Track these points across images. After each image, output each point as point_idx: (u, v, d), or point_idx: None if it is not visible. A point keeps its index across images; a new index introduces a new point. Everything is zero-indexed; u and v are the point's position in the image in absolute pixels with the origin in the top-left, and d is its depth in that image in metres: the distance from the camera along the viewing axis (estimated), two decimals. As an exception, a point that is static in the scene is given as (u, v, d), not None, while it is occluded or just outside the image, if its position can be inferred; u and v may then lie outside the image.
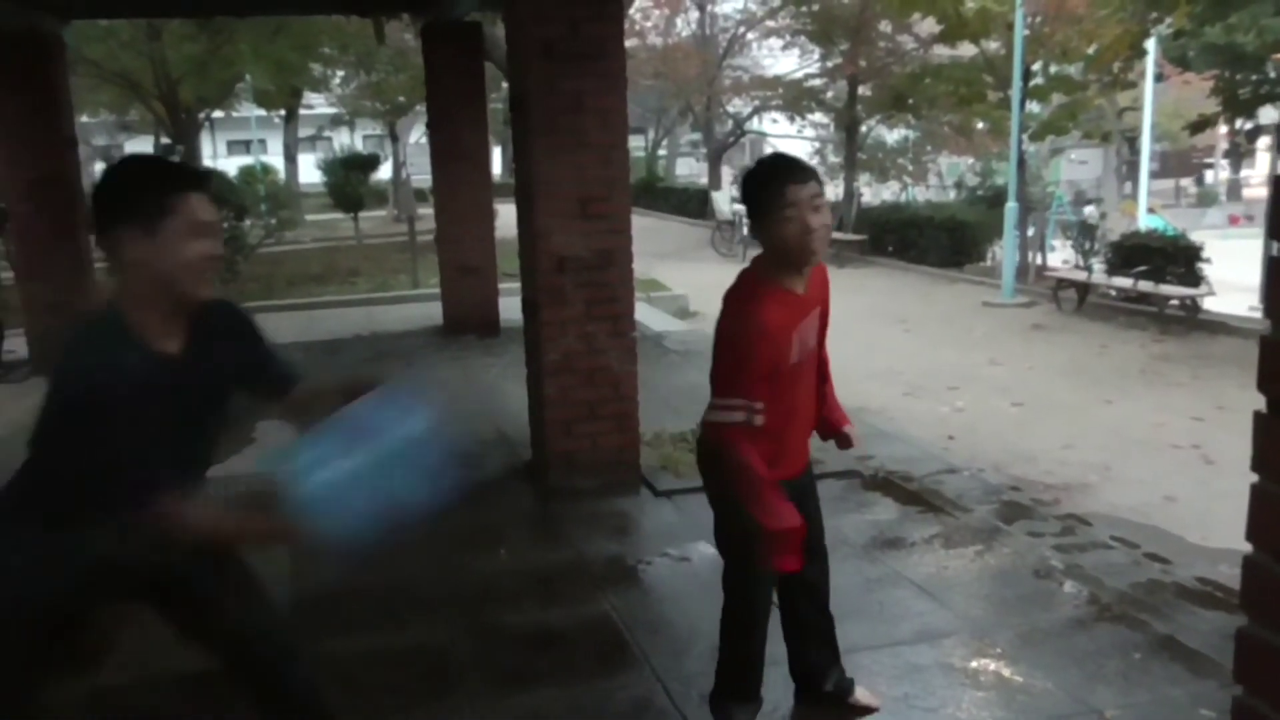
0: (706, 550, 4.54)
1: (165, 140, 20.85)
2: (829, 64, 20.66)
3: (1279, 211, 1.05)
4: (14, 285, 8.96)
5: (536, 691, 3.41)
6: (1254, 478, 1.12)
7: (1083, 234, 13.47)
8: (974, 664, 3.43)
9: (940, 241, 16.26)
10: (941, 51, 17.74)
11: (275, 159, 30.72)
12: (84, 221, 9.46)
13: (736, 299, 2.68)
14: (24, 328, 8.91)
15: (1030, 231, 15.10)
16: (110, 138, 29.72)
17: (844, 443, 3.04)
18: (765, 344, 2.60)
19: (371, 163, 24.99)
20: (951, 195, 23.05)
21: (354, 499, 2.09)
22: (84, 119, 25.63)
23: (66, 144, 8.90)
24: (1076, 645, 3.52)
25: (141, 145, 30.57)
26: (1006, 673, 3.37)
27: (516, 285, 5.96)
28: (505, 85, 15.18)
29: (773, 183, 2.60)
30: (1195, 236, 12.74)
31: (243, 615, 2.46)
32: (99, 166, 28.35)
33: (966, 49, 16.30)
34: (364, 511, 2.11)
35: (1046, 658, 3.44)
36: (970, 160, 24.03)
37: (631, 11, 19.76)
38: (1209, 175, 34.45)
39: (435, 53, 9.76)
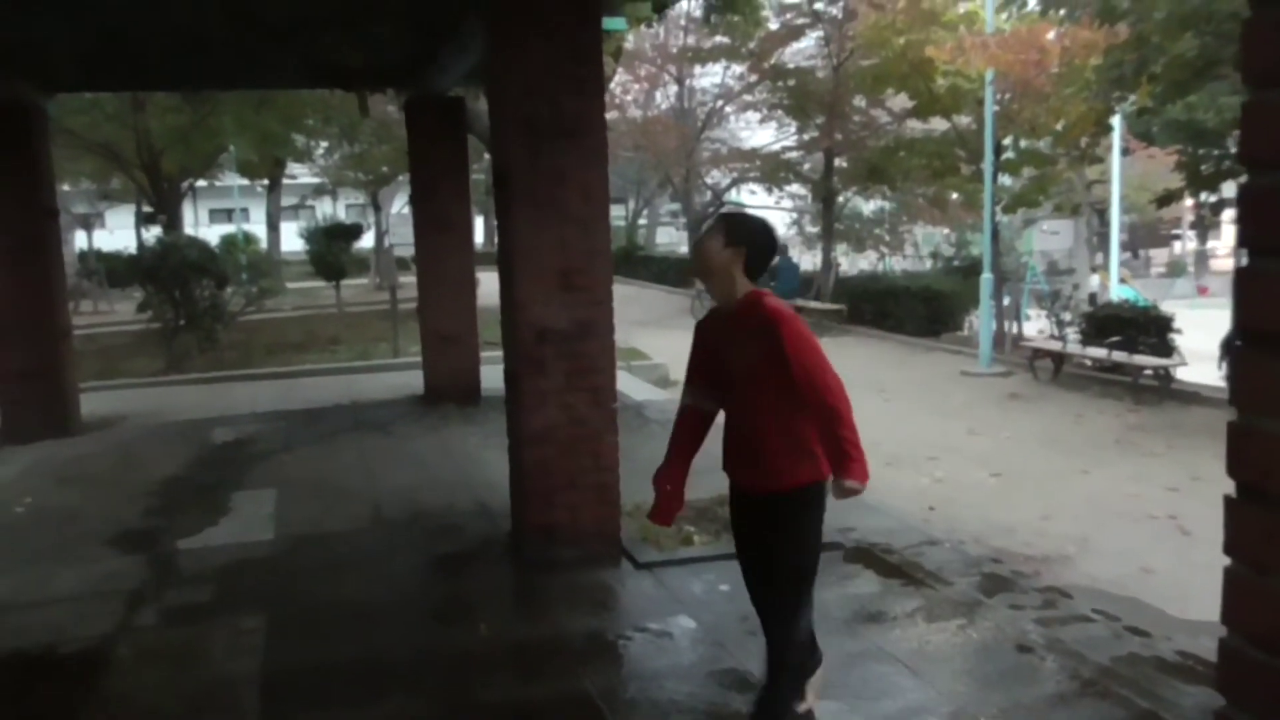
0: (687, 625, 4.51)
1: (147, 209, 20.91)
2: (805, 137, 21.09)
3: (1255, 230, 1.09)
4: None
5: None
6: (1229, 554, 1.14)
7: (1056, 304, 13.68)
8: (958, 741, 3.40)
9: (917, 311, 16.45)
10: (915, 125, 18.18)
11: (258, 227, 30.93)
12: (61, 290, 9.45)
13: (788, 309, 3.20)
14: (-3, 397, 8.82)
15: (1005, 301, 15.32)
16: (91, 206, 29.76)
17: (834, 492, 3.14)
18: (699, 343, 3.34)
19: (354, 232, 25.08)
20: (928, 265, 23.39)
21: None
22: (65, 188, 25.73)
23: (46, 214, 8.93)
24: (1059, 720, 3.50)
25: (123, 214, 30.67)
26: (990, 750, 3.34)
27: (498, 354, 5.98)
28: (487, 156, 15.37)
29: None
30: (1165, 306, 12.96)
31: None
32: (79, 235, 28.44)
33: (939, 123, 16.72)
34: None
35: (1030, 734, 3.42)
36: (945, 231, 24.45)
37: (611, 85, 20.15)
38: (1176, 246, 35.16)
39: (418, 126, 9.92)
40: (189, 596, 5.10)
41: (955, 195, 18.40)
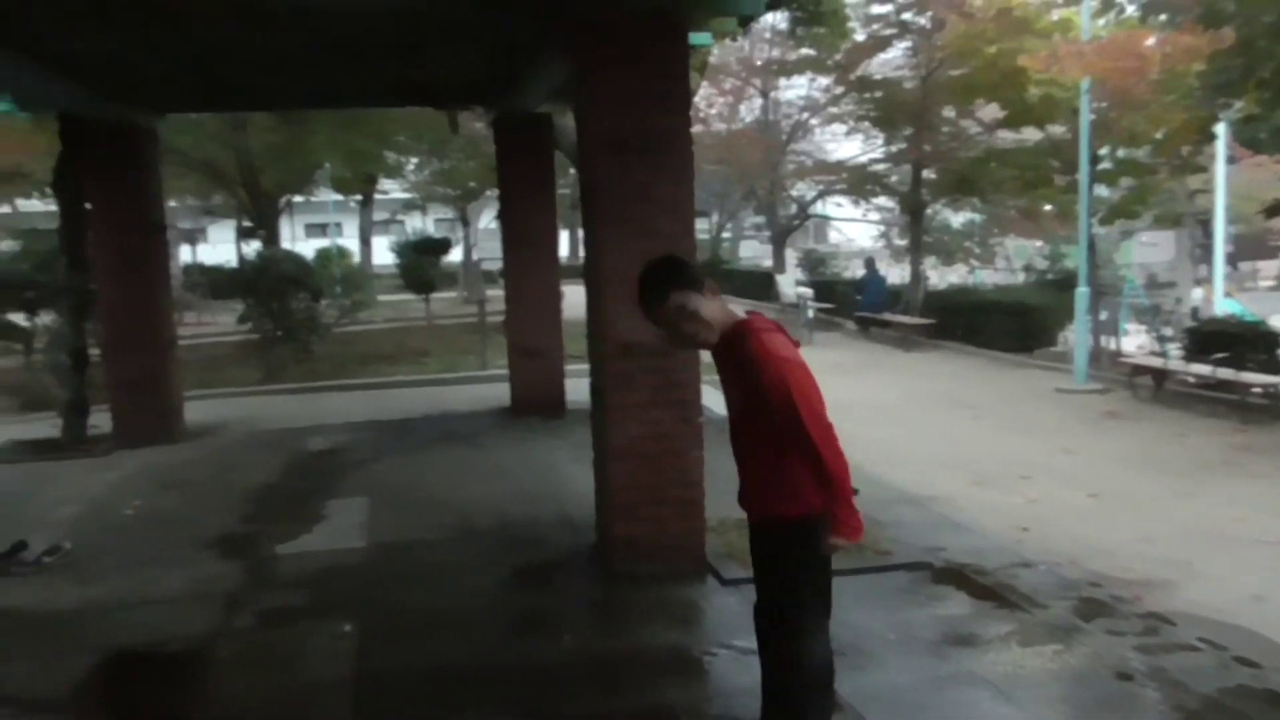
0: (772, 642, 4.47)
1: (247, 223, 21.67)
2: (893, 148, 20.80)
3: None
4: (99, 364, 9.30)
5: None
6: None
7: (1157, 318, 13.20)
8: (1053, 771, 3.30)
9: (1008, 326, 16.04)
10: (1006, 136, 17.77)
11: (351, 242, 31.76)
12: (167, 303, 9.85)
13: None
14: (108, 404, 9.22)
15: (1102, 316, 14.83)
16: (195, 221, 30.98)
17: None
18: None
19: (443, 246, 25.66)
20: (1020, 278, 22.82)
21: None
22: (171, 204, 26.82)
23: (154, 229, 9.33)
24: (1162, 754, 3.37)
25: (224, 229, 31.84)
26: (1088, 781, 3.23)
27: (582, 367, 6.03)
28: (573, 171, 15.55)
29: None
30: (1275, 321, 12.40)
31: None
32: (183, 249, 29.63)
33: (1031, 133, 16.31)
34: None
35: (1130, 767, 3.30)
36: (1038, 243, 23.82)
37: (696, 99, 20.19)
38: (1288, 259, 33.60)
39: (506, 142, 10.09)
40: (284, 600, 5.25)
41: (1048, 207, 17.91)
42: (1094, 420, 10.86)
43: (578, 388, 7.80)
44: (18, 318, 13.28)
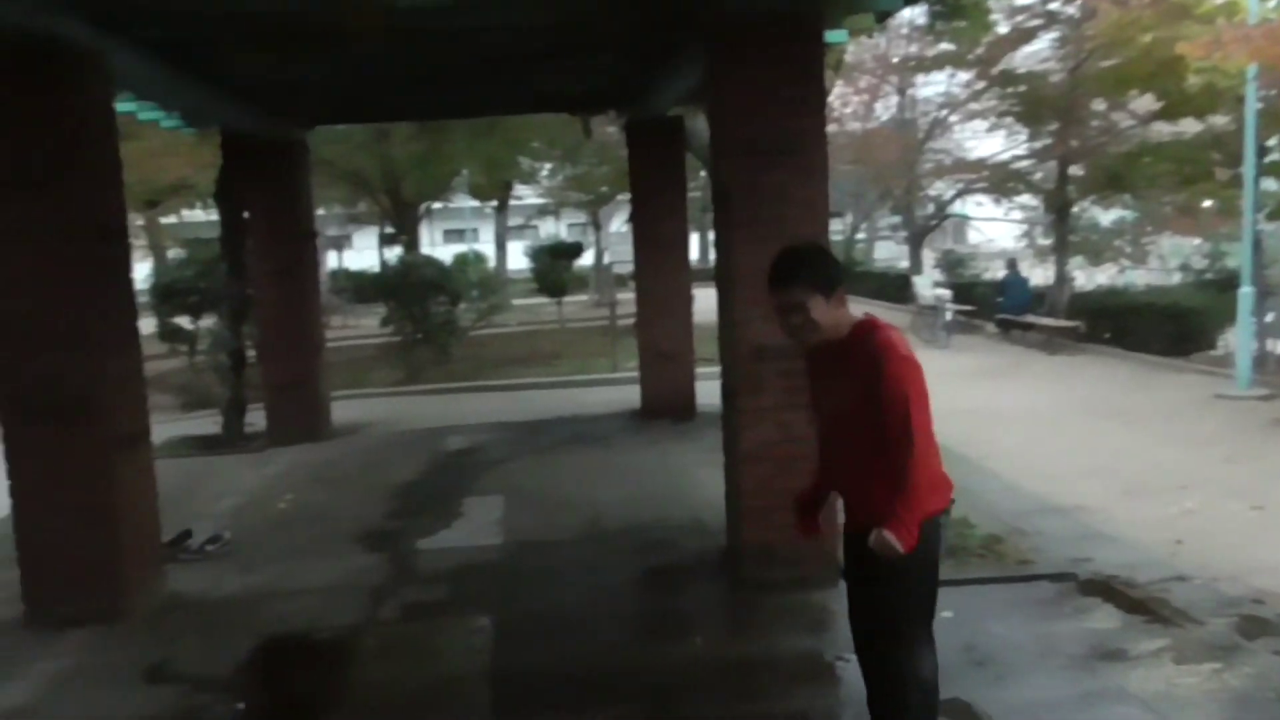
0: (908, 651, 4.37)
1: (389, 230, 22.55)
2: (1037, 145, 20.01)
3: None
4: (256, 364, 9.84)
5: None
6: None
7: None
8: (1212, 798, 3.12)
9: (1163, 328, 15.21)
10: (1161, 128, 16.86)
11: (486, 247, 32.62)
12: (317, 306, 10.34)
13: None
14: (263, 403, 9.74)
15: (1269, 317, 13.89)
16: (341, 228, 32.40)
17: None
18: (806, 368, 3.27)
19: (575, 250, 26.07)
20: (1175, 278, 21.60)
21: None
22: (319, 212, 28.13)
23: (306, 237, 9.82)
24: (1335, 786, 3.14)
25: (368, 236, 33.19)
26: (1251, 811, 3.04)
27: (713, 370, 6.03)
28: (703, 174, 15.57)
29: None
30: None
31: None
32: (331, 255, 31.03)
33: (1190, 125, 15.42)
34: None
35: (1298, 798, 3.09)
36: (1196, 241, 22.52)
37: (830, 98, 19.91)
38: None
39: (638, 146, 10.19)
40: (426, 594, 5.44)
41: (1209, 203, 16.90)
42: (1259, 428, 10.19)
43: (708, 391, 7.81)
44: (183, 321, 14.19)
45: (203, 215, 23.81)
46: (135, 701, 4.22)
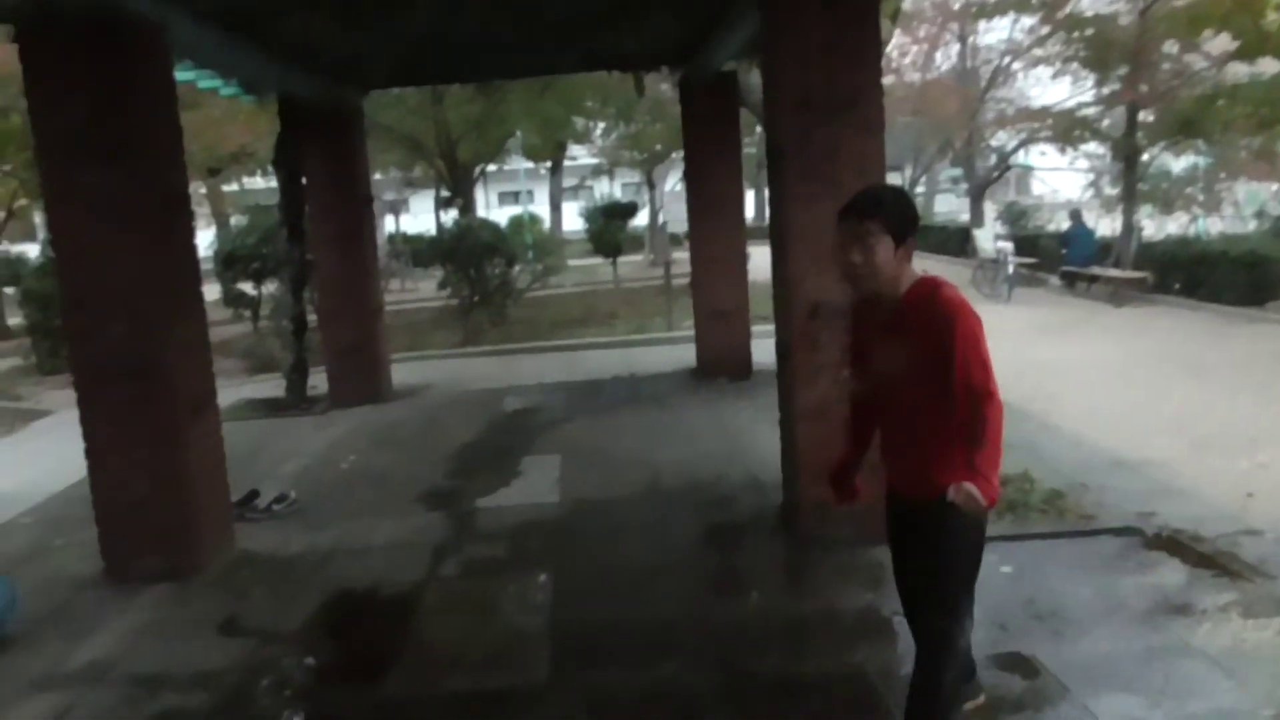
0: (967, 606, 4.34)
1: (445, 193, 22.68)
2: (1105, 90, 19.37)
3: None
4: (318, 329, 10.02)
5: (787, 739, 3.39)
6: None
7: None
8: (1280, 753, 3.07)
9: (1237, 278, 14.72)
10: (1238, 70, 16.19)
11: (541, 208, 32.71)
12: (375, 271, 10.46)
13: None
14: (325, 366, 9.93)
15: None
16: (397, 193, 32.68)
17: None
18: (851, 327, 3.20)
19: (630, 210, 26.01)
20: (1251, 226, 20.88)
21: None
22: (376, 176, 28.39)
23: (363, 202, 9.93)
24: None
25: (424, 199, 33.44)
26: (1321, 767, 2.98)
27: (769, 329, 5.99)
28: (759, 130, 15.36)
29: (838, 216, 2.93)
30: None
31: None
32: (388, 219, 31.32)
33: (1269, 65, 14.79)
34: None
35: (1371, 754, 3.02)
36: (1275, 186, 21.71)
37: (889, 49, 19.46)
38: None
39: (692, 103, 10.08)
40: (486, 551, 5.54)
41: (1288, 146, 16.27)
42: (1336, 380, 9.85)
43: (764, 349, 7.76)
44: (246, 287, 14.49)
45: (263, 183, 24.26)
46: (210, 653, 4.38)
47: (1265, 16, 12.74)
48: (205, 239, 17.42)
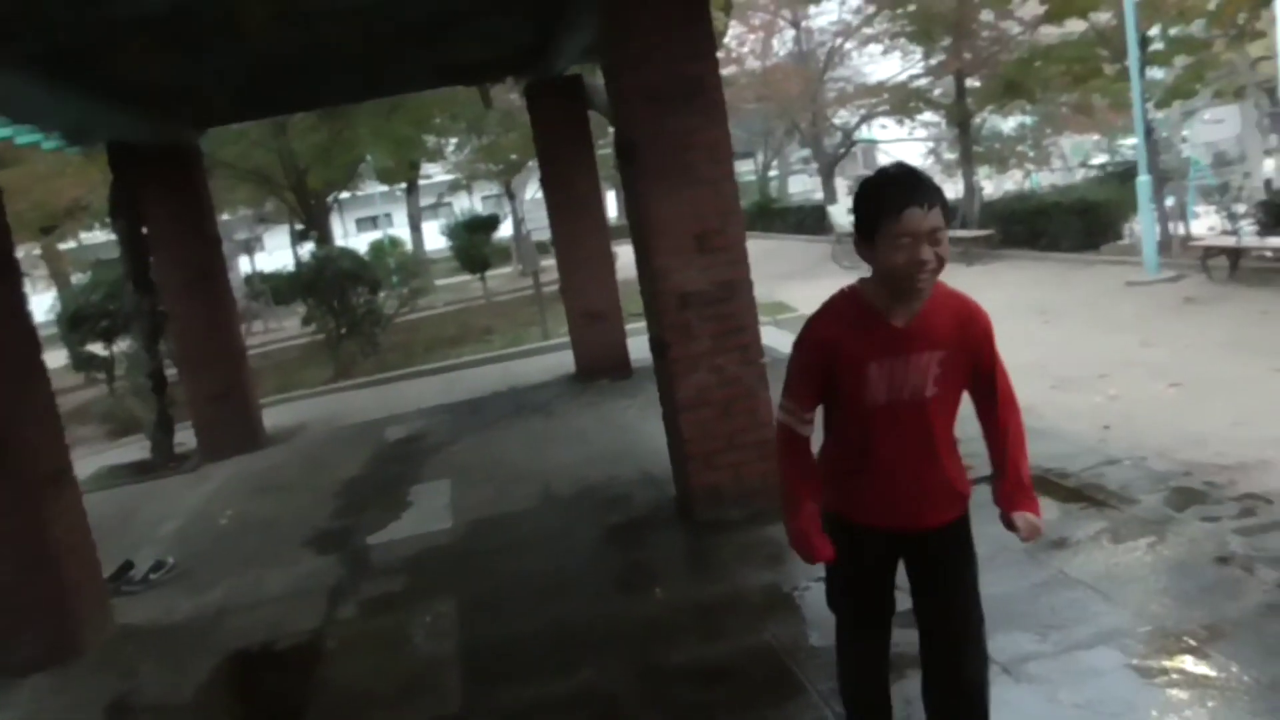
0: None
1: (300, 226, 22.05)
2: (933, 62, 20.27)
3: None
4: (179, 381, 9.60)
5: (708, 727, 3.43)
6: None
7: (1226, 196, 12.72)
8: (1160, 663, 3.27)
9: (1072, 226, 15.62)
10: (1049, 31, 17.17)
11: (401, 230, 32.13)
12: (234, 314, 10.10)
13: (819, 307, 2.57)
14: (191, 420, 9.52)
15: (1169, 201, 14.36)
16: (250, 231, 31.59)
17: (1011, 527, 2.64)
18: (818, 357, 2.49)
19: (492, 223, 25.78)
20: (1078, 176, 22.16)
21: None
22: (224, 217, 27.36)
23: (212, 244, 9.56)
24: (1271, 633, 3.31)
25: (279, 235, 32.42)
26: (1196, 669, 3.19)
27: (643, 325, 6.05)
28: (611, 130, 15.47)
29: (890, 205, 2.31)
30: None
31: None
32: (242, 260, 30.23)
33: (1076, 25, 15.74)
34: None
35: (1239, 650, 3.25)
36: (1095, 137, 23.10)
37: (727, 39, 19.87)
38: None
39: (540, 109, 10.08)
40: (384, 587, 5.41)
41: (1100, 99, 17.32)
42: (1172, 308, 10.57)
43: (641, 346, 7.82)
44: (96, 348, 13.75)
45: (103, 236, 23.08)
46: (101, 737, 4.15)
47: (1067, -22, 13.55)
48: (45, 302, 16.52)
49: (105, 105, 7.54)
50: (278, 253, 34.84)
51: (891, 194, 2.33)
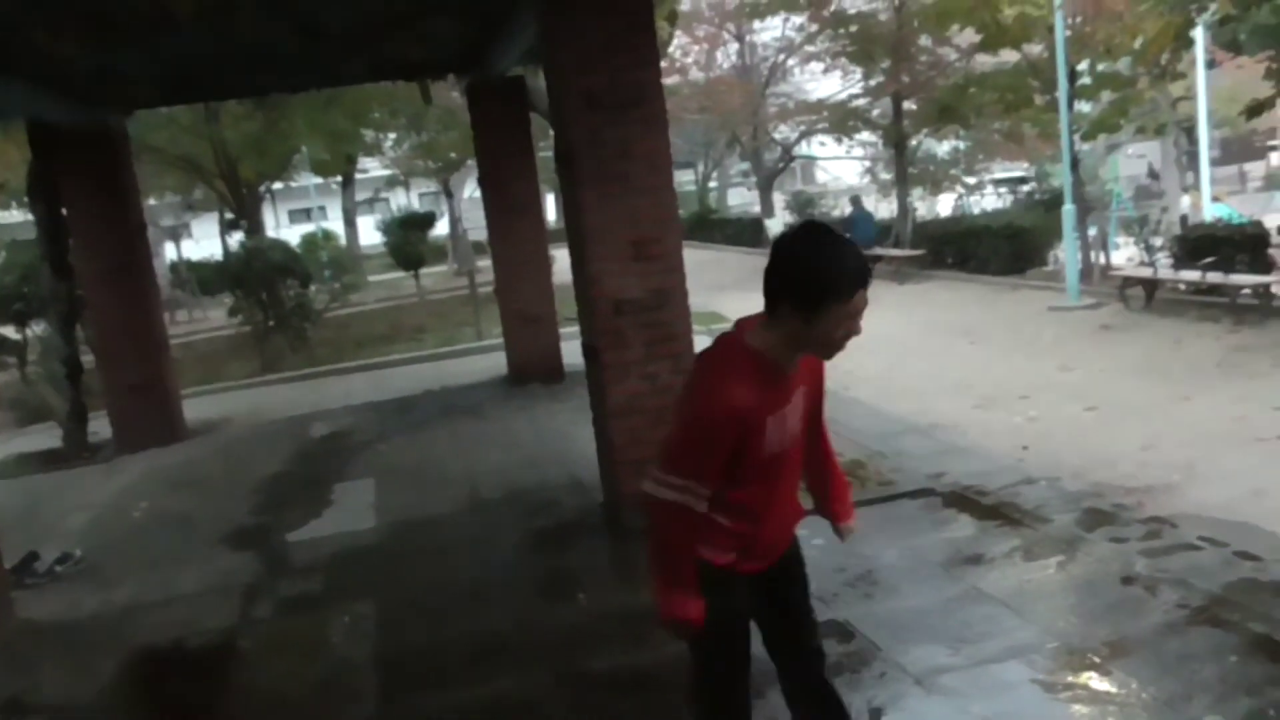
0: (784, 581, 4.53)
1: (230, 215, 21.55)
2: (872, 82, 20.63)
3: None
4: (95, 370, 9.31)
5: (624, 734, 3.43)
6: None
7: (1145, 229, 13.18)
8: (1064, 678, 3.36)
9: (1000, 250, 16.02)
10: (984, 60, 17.62)
11: (336, 224, 31.58)
12: (157, 303, 9.83)
13: (713, 370, 2.37)
14: (107, 410, 9.24)
15: (1092, 231, 14.81)
16: (177, 218, 30.79)
17: (841, 536, 2.82)
18: (733, 429, 2.30)
19: (427, 221, 25.53)
20: (1006, 202, 22.75)
21: None
22: (151, 202, 26.61)
23: (136, 231, 9.28)
24: (1169, 652, 3.43)
25: (209, 223, 31.66)
26: (1099, 685, 3.30)
27: (578, 329, 6.04)
28: (552, 133, 15.42)
29: (844, 290, 2.25)
30: (1267, 220, 12.36)
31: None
32: (168, 247, 29.45)
33: (1010, 55, 16.17)
34: None
35: (1139, 667, 3.36)
36: (1025, 165, 23.73)
37: (671, 49, 19.98)
38: (1274, 158, 33.43)
39: (481, 109, 10.01)
40: (300, 587, 5.31)
41: (1030, 127, 17.81)
42: (1089, 335, 10.90)
43: (574, 350, 7.81)
44: (7, 331, 13.26)
45: (20, 216, 22.29)
46: (-4, 737, 4.00)
47: (1002, 11, 13.91)
48: (-44, 282, 15.83)
49: (23, 83, 7.28)
50: (206, 241, 34.02)
51: (845, 281, 2.25)
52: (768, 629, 2.71)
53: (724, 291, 17.08)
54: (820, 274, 2.24)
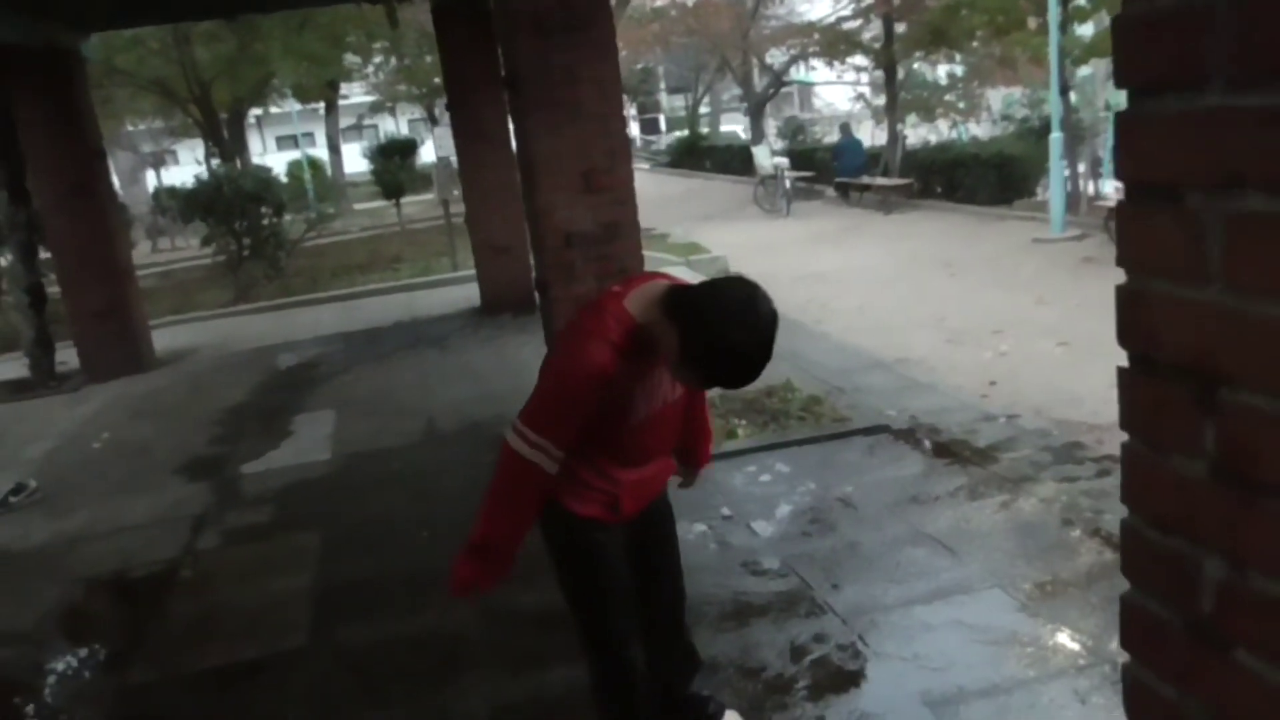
0: (726, 514, 4.49)
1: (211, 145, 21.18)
2: (862, 4, 20.13)
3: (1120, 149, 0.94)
4: (59, 298, 9.19)
5: (548, 670, 3.41)
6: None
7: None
8: (988, 620, 3.33)
9: (989, 179, 15.78)
10: (978, -19, 17.14)
11: (322, 151, 31.12)
12: (118, 230, 9.65)
13: (584, 330, 2.23)
14: (73, 338, 9.15)
15: (1082, 162, 14.57)
16: (157, 144, 30.30)
17: (684, 478, 2.86)
18: (594, 394, 2.19)
19: (409, 147, 25.12)
20: (1000, 129, 22.36)
21: None
22: (129, 128, 26.14)
23: (93, 155, 9.07)
24: (1097, 594, 3.40)
25: (189, 148, 31.20)
26: (1021, 627, 3.27)
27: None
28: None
29: (719, 371, 2.13)
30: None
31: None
32: (149, 174, 29.03)
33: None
34: None
35: (1064, 609, 3.33)
36: (1023, 91, 23.22)
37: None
38: None
39: (448, 34, 9.74)
40: (249, 518, 5.28)
41: (1022, 52, 17.40)
42: (1069, 268, 10.76)
43: (539, 281, 7.71)
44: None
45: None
46: (-70, 668, 3.99)
47: (995, -72, 13.47)
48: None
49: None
50: (190, 168, 33.56)
51: (720, 371, 2.14)
52: (636, 596, 2.65)
53: (708, 221, 16.90)
54: (711, 349, 2.09)
